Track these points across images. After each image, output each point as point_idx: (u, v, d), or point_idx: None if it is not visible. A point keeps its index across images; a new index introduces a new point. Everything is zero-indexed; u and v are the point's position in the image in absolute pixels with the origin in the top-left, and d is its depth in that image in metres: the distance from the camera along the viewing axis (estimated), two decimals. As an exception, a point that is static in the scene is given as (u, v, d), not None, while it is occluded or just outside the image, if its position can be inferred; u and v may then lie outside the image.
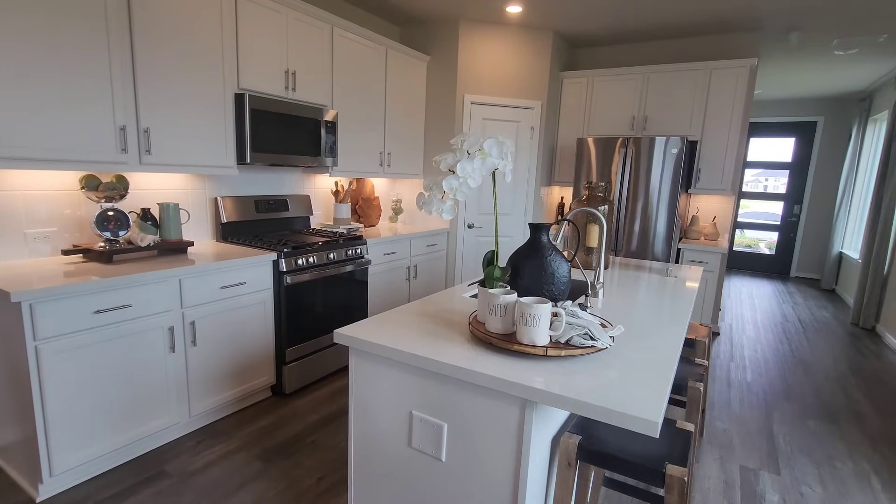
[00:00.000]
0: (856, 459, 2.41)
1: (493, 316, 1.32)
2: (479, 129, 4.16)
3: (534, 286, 1.49)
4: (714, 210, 4.23)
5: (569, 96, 4.45)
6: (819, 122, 6.95)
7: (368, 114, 3.58)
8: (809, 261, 7.23)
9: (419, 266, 3.94)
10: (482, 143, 1.24)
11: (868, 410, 2.97)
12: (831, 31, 3.88)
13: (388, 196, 4.43)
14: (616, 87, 4.22)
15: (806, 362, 3.75)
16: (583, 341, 1.24)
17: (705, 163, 3.97)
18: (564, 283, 1.51)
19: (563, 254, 1.54)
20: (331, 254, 2.92)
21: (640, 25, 3.96)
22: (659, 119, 4.09)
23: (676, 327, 1.58)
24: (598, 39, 4.41)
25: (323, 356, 2.98)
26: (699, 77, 3.88)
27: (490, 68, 4.08)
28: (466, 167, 1.24)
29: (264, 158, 2.73)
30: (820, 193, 7.04)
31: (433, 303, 1.74)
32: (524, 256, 1.51)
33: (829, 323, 4.91)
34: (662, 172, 3.84)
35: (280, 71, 2.82)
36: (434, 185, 1.27)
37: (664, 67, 3.99)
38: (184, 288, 2.17)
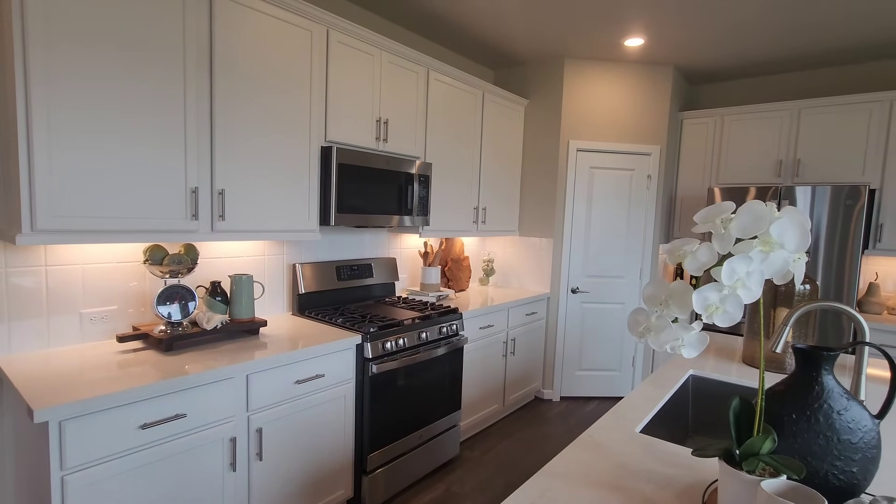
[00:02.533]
0: None
1: (781, 544, 0.69)
2: (586, 179, 3.59)
3: (812, 463, 0.85)
4: (899, 276, 3.29)
5: (691, 139, 3.79)
6: None
7: (463, 165, 3.15)
8: None
9: (517, 339, 3.33)
10: (769, 223, 0.66)
11: None
12: None
13: (479, 255, 3.92)
14: (754, 127, 3.51)
15: None
16: None
17: (889, 216, 3.09)
18: (873, 456, 0.85)
19: (859, 402, 0.89)
20: (423, 332, 2.41)
21: (782, 54, 3.29)
22: (816, 163, 3.30)
23: None
24: (726, 73, 3.76)
25: (409, 459, 2.41)
26: (876, 110, 3.09)
27: (599, 111, 3.55)
28: (738, 268, 0.67)
29: (350, 220, 2.32)
30: None
31: (599, 451, 1.13)
32: (788, 407, 0.88)
33: None
34: (826, 229, 3.03)
35: (371, 120, 2.45)
36: (670, 299, 0.70)
37: (823, 101, 3.24)
38: (251, 386, 1.73)
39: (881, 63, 3.33)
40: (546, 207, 3.65)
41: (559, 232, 3.62)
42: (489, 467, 2.70)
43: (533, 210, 3.73)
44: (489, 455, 2.84)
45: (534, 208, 3.72)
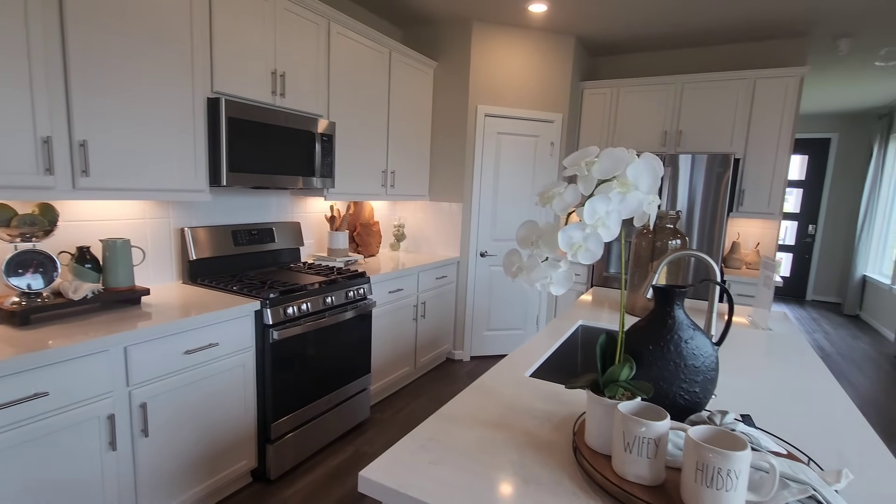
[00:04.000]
0: None
1: (632, 455, 0.78)
2: (494, 144, 3.66)
3: (664, 387, 0.96)
4: (756, 235, 3.79)
5: (591, 108, 4.00)
6: (833, 139, 6.66)
7: (370, 127, 3.05)
8: (827, 284, 6.87)
9: (428, 303, 3.38)
10: (625, 166, 0.71)
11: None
12: (885, 38, 3.51)
13: (389, 220, 3.88)
14: (645, 99, 3.78)
15: (873, 409, 3.28)
16: (809, 513, 0.70)
17: (749, 183, 3.52)
18: (712, 378, 0.98)
19: (703, 331, 1.01)
20: (329, 297, 2.35)
21: (672, 30, 3.54)
22: (696, 134, 3.64)
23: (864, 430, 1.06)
24: (622, 46, 3.98)
25: (317, 426, 2.39)
26: (742, 87, 3.46)
27: (506, 77, 3.61)
28: (599, 208, 0.71)
29: (246, 180, 2.17)
30: (836, 213, 6.71)
31: (490, 395, 1.19)
32: (647, 340, 0.98)
33: (872, 357, 4.48)
34: (701, 194, 3.38)
35: (265, 72, 2.27)
36: (540, 240, 0.74)
37: (701, 77, 3.56)
38: (131, 359, 1.58)
39: (748, 45, 3.71)
40: (456, 172, 3.68)
41: (468, 197, 3.68)
42: (398, 426, 2.76)
43: (443, 175, 3.74)
44: (400, 415, 2.90)
45: (444, 173, 3.74)
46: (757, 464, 0.75)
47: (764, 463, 0.72)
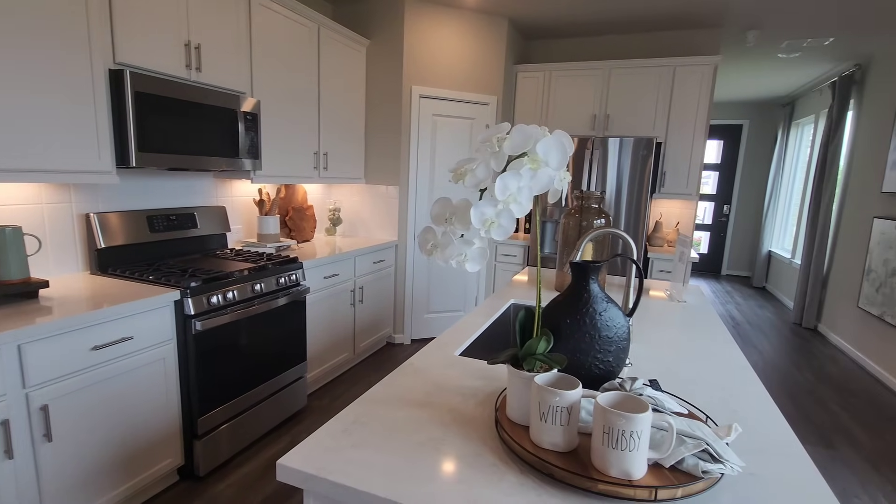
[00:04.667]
0: (869, 491, 2.20)
1: (547, 424, 0.81)
2: (429, 126, 3.63)
3: (581, 358, 1.00)
4: (677, 215, 4.04)
5: (524, 92, 4.06)
6: (745, 126, 7.20)
7: (300, 106, 2.92)
8: (739, 259, 7.50)
9: (365, 287, 3.33)
10: (535, 142, 0.72)
11: (852, 425, 2.84)
12: (787, 31, 3.81)
13: (324, 204, 3.77)
14: (575, 84, 3.89)
15: (774, 372, 3.64)
16: (704, 464, 0.76)
17: (670, 166, 3.74)
18: (624, 347, 1.03)
19: (616, 303, 1.06)
20: (258, 284, 2.25)
21: (598, 17, 3.65)
22: (622, 118, 3.80)
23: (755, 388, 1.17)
24: (554, 31, 4.05)
25: (250, 417, 2.31)
26: (663, 74, 3.64)
27: (441, 58, 3.57)
28: (510, 183, 0.72)
29: (160, 161, 2.01)
30: (747, 194, 7.31)
31: (418, 375, 1.19)
32: (565, 313, 1.02)
33: (774, 324, 4.96)
34: (627, 176, 3.55)
35: (178, 43, 2.10)
36: (454, 217, 0.73)
37: (626, 63, 3.71)
38: (27, 358, 1.44)
39: (669, 33, 3.90)
40: (392, 155, 3.62)
41: (405, 180, 3.64)
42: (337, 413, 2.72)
43: (379, 157, 3.67)
44: (338, 402, 2.86)
45: (380, 155, 3.67)
46: (658, 424, 0.80)
47: (664, 423, 0.78)
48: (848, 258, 4.28)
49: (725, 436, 0.85)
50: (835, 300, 4.48)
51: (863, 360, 3.82)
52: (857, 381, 3.51)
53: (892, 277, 3.45)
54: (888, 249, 3.53)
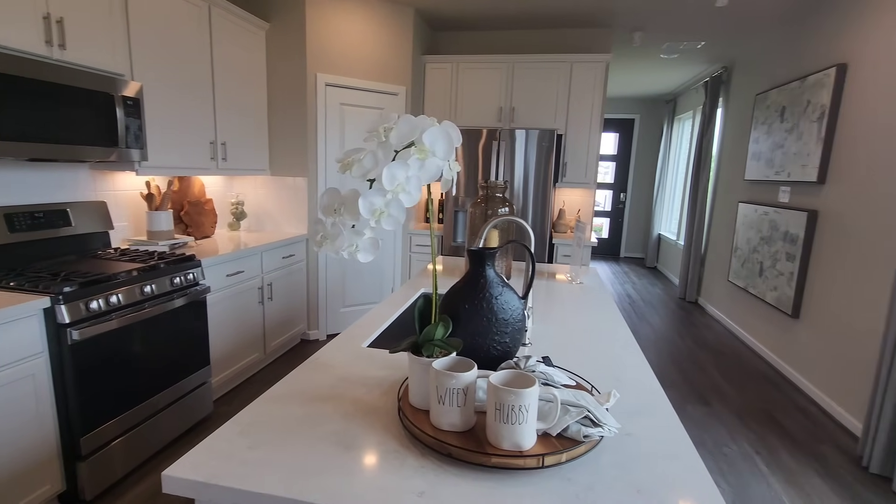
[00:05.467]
0: (738, 441, 2.54)
1: (445, 406, 0.84)
2: (337, 115, 3.54)
3: (479, 340, 1.04)
4: (578, 203, 4.32)
5: (433, 83, 4.09)
6: (636, 120, 7.86)
7: (191, 92, 2.70)
8: (635, 242, 8.22)
9: (275, 284, 3.19)
10: (421, 132, 0.74)
11: (723, 384, 3.26)
12: (667, 34, 4.20)
13: (226, 197, 3.54)
14: (482, 76, 3.99)
15: (663, 342, 4.06)
16: (585, 430, 0.83)
17: (571, 156, 3.99)
18: (519, 328, 1.09)
19: (511, 287, 1.12)
20: (148, 286, 2.07)
21: (500, 11, 3.77)
22: (527, 111, 3.97)
23: (636, 357, 1.30)
24: (460, 23, 4.11)
25: (147, 430, 2.12)
26: (562, 70, 3.85)
27: (346, 46, 3.48)
28: (398, 174, 0.73)
29: (15, 150, 1.76)
30: (640, 183, 8.00)
31: (323, 369, 1.18)
32: (463, 299, 1.05)
33: (664, 299, 5.52)
34: (532, 166, 3.73)
35: (34, 15, 1.84)
36: (342, 208, 0.73)
37: (529, 58, 3.87)
38: None
39: (568, 31, 4.13)
40: (298, 145, 3.48)
41: (314, 171, 3.52)
42: (248, 416, 2.59)
43: (285, 148, 3.51)
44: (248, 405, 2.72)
45: (285, 146, 3.50)
46: (545, 396, 0.86)
47: (550, 395, 0.84)
48: (720, 238, 4.86)
49: (605, 402, 0.94)
50: (711, 276, 5.07)
51: (732, 327, 4.38)
52: (729, 346, 4.03)
53: (753, 254, 3.98)
54: (750, 230, 4.06)
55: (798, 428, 2.70)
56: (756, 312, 3.94)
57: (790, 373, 3.36)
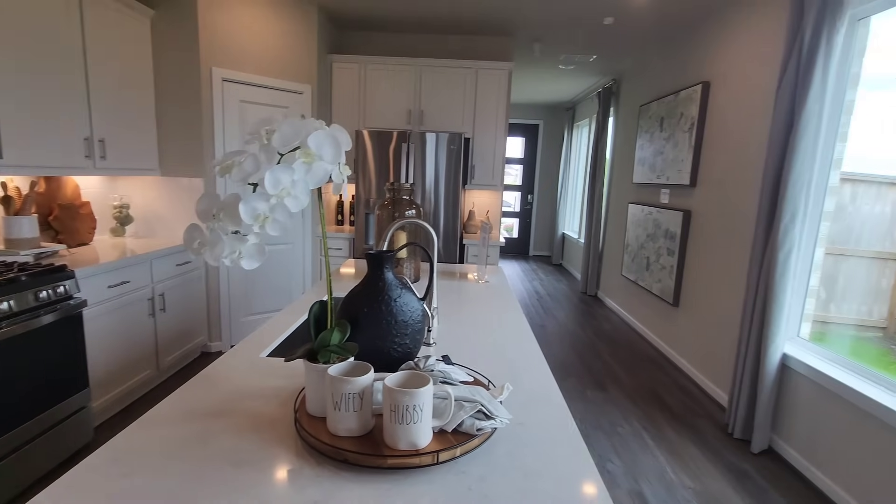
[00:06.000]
0: (629, 420, 2.79)
1: (341, 412, 0.83)
2: (236, 113, 3.34)
3: (379, 343, 1.05)
4: (487, 204, 4.48)
5: (341, 83, 4.01)
6: (541, 125, 8.32)
7: (58, 83, 2.40)
8: (542, 241, 8.69)
9: (168, 294, 2.94)
10: (306, 135, 0.73)
11: (618, 369, 3.56)
12: (562, 47, 4.49)
13: (107, 200, 3.18)
14: (391, 78, 3.99)
15: (566, 334, 4.33)
16: (478, 423, 0.87)
17: (478, 159, 4.12)
18: (419, 329, 1.11)
19: (412, 288, 1.14)
20: (5, 302, 1.80)
21: (404, 14, 3.80)
22: (436, 114, 4.04)
23: (533, 350, 1.38)
24: (368, 23, 4.08)
25: (10, 466, 1.85)
26: (468, 75, 3.97)
27: (246, 40, 3.30)
28: (282, 178, 0.71)
29: None
30: (546, 185, 8.48)
31: (214, 383, 1.11)
32: (362, 303, 1.05)
33: (568, 294, 5.90)
34: (442, 169, 3.80)
35: None
36: (222, 213, 0.69)
37: (436, 62, 3.94)
38: None
39: (473, 37, 4.27)
40: (192, 144, 3.23)
41: (211, 171, 3.29)
42: (137, 441, 2.36)
43: (177, 146, 3.24)
44: (138, 428, 2.48)
45: (178, 145, 3.24)
46: (440, 394, 0.89)
47: (444, 392, 0.87)
48: (614, 236, 5.30)
49: (499, 395, 0.99)
50: (607, 271, 5.52)
51: (626, 317, 4.81)
52: (623, 334, 4.41)
53: (641, 250, 4.40)
54: (638, 228, 4.48)
55: (679, 404, 3.03)
56: (645, 303, 4.36)
57: (673, 355, 3.76)
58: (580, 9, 3.48)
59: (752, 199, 2.83)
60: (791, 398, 2.41)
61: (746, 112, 2.91)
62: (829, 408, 2.18)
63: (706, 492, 2.16)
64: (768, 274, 2.39)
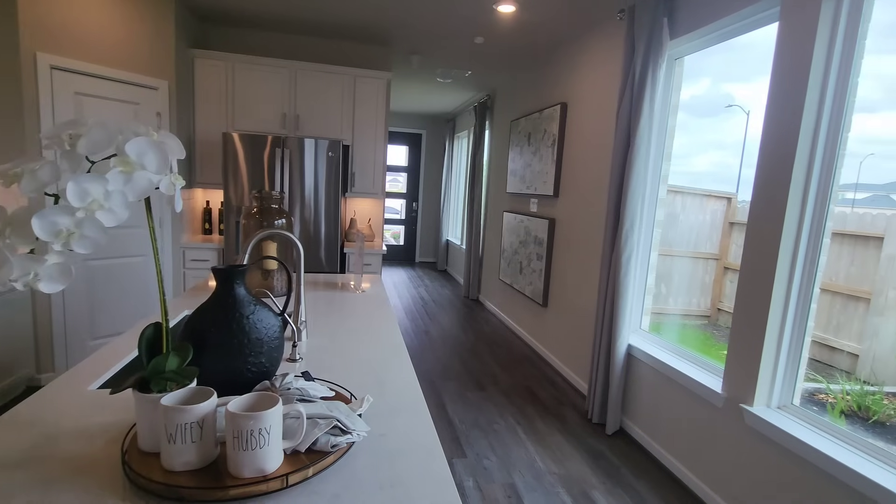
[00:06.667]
0: (504, 416, 2.96)
1: (177, 445, 0.76)
2: (70, 107, 2.89)
3: (231, 365, 0.98)
4: (369, 212, 4.44)
5: (205, 80, 3.69)
6: (423, 135, 8.51)
7: None
8: (427, 248, 8.86)
9: (-26, 321, 2.42)
10: (123, 142, 0.66)
11: (496, 369, 3.76)
12: (439, 61, 4.65)
13: None
14: (263, 79, 3.77)
15: (449, 338, 4.46)
16: (334, 439, 0.86)
17: (358, 167, 4.08)
18: (277, 346, 1.07)
19: (267, 304, 1.09)
20: None
21: (272, 13, 3.64)
22: (313, 120, 3.91)
23: (402, 359, 1.40)
24: (235, 19, 3.81)
25: None
26: (346, 82, 3.91)
27: (84, 23, 2.88)
28: (92, 189, 0.63)
29: None
30: (430, 193, 8.68)
31: (20, 427, 0.94)
32: (211, 323, 0.98)
33: (451, 299, 6.09)
34: (321, 176, 3.70)
35: None
36: (9, 228, 0.59)
37: (313, 66, 3.82)
38: None
39: (352, 44, 4.22)
40: (10, 142, 2.72)
41: (37, 173, 2.79)
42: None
43: (-12, 142, 2.70)
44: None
45: (-11, 140, 2.70)
46: (292, 414, 0.85)
47: (295, 412, 0.84)
48: (492, 243, 5.60)
49: (359, 408, 0.98)
50: (487, 275, 5.81)
51: (504, 319, 5.10)
52: (501, 335, 4.67)
53: (515, 255, 4.71)
54: (512, 235, 4.79)
55: (548, 397, 3.29)
56: (519, 304, 4.67)
57: (544, 352, 4.07)
58: (453, 27, 3.64)
59: (603, 208, 3.19)
60: (636, 383, 2.76)
61: (597, 132, 3.28)
62: (663, 389, 2.53)
63: (568, 475, 2.37)
64: (615, 275, 2.71)
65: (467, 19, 3.48)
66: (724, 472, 2.10)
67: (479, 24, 3.55)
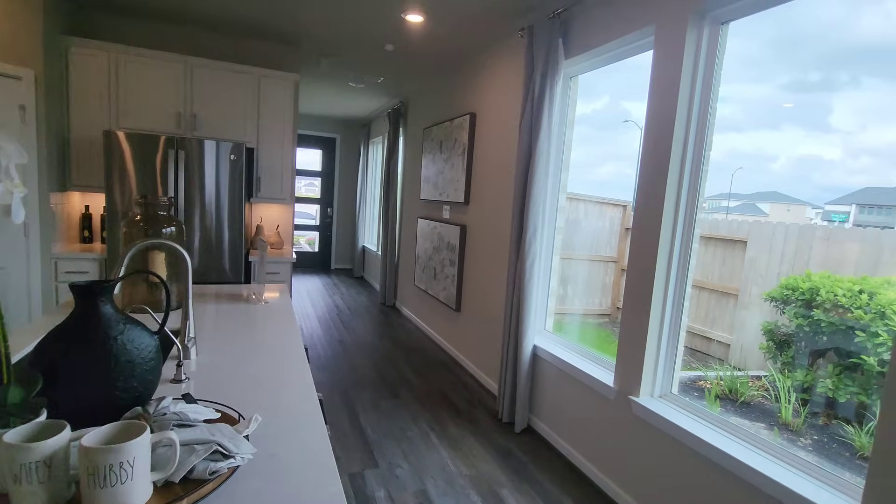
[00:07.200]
0: (418, 423, 2.97)
1: (24, 486, 0.67)
2: None
3: (96, 392, 0.89)
4: (276, 218, 4.25)
5: (83, 72, 3.31)
6: (337, 139, 8.33)
7: None
8: (343, 254, 8.66)
9: None
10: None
11: (411, 376, 3.76)
12: (350, 66, 4.59)
13: None
14: (154, 73, 3.47)
15: (364, 346, 4.39)
16: (213, 465, 0.80)
17: (264, 171, 3.89)
18: (152, 367, 0.98)
19: (141, 323, 1.00)
20: None
21: (167, 2, 3.38)
22: (212, 120, 3.66)
23: (301, 374, 1.35)
24: (122, 7, 3.47)
25: None
26: (250, 82, 3.72)
27: (-83, -3, 2.45)
28: None
29: None
30: (345, 198, 8.50)
31: None
32: (65, 347, 0.88)
33: (368, 306, 6.00)
34: (223, 180, 3.47)
35: None
36: None
37: (211, 63, 3.59)
38: None
39: (256, 42, 4.02)
40: None
41: None
42: None
43: None
44: None
45: None
46: (164, 442, 0.79)
47: (166, 439, 0.77)
48: (407, 249, 5.61)
49: (245, 429, 0.93)
50: (403, 281, 5.80)
51: (420, 325, 5.12)
52: (417, 341, 4.68)
53: (429, 261, 4.76)
54: (426, 241, 4.84)
55: (461, 400, 3.35)
56: (434, 310, 4.72)
57: (458, 356, 4.15)
58: (362, 33, 3.61)
59: (509, 216, 3.33)
60: (541, 381, 2.91)
61: (503, 142, 3.42)
62: (565, 386, 2.69)
63: (479, 475, 2.43)
64: (520, 279, 2.84)
65: (377, 26, 3.47)
66: (619, 461, 2.28)
67: (389, 31, 3.56)
